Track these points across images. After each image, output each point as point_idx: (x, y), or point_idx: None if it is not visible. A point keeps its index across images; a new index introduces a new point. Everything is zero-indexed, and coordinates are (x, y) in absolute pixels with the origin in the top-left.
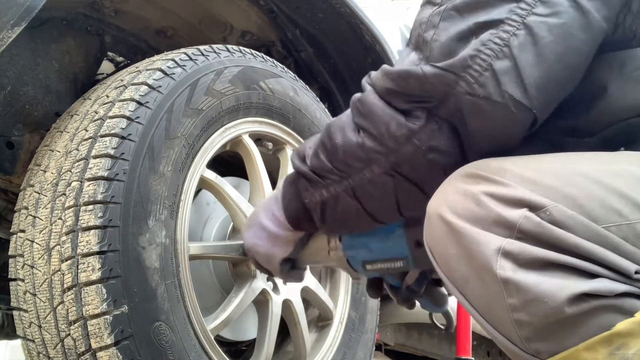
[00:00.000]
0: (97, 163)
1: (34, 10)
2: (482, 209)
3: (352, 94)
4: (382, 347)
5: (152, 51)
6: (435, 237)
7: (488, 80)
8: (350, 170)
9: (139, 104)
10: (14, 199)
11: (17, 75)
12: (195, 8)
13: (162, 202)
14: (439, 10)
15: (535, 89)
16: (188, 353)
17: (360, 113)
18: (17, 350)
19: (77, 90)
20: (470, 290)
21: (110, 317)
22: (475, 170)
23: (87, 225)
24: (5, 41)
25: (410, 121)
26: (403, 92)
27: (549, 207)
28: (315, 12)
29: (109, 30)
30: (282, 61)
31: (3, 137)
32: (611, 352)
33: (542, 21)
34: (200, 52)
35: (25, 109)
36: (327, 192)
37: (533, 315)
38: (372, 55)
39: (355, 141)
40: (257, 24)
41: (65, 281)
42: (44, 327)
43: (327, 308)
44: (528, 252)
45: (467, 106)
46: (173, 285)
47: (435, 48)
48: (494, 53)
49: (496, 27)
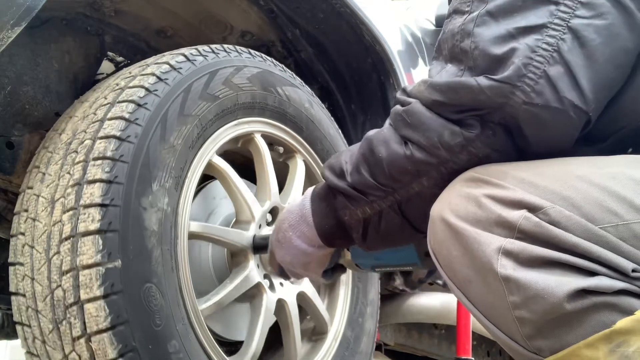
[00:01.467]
0: (111, 124)
1: (34, 10)
2: (483, 210)
3: (352, 94)
4: (382, 347)
5: (152, 51)
6: (438, 240)
7: (545, 87)
8: (396, 185)
9: (159, 79)
10: (14, 199)
11: (17, 75)
12: (195, 8)
13: (169, 171)
14: (471, 17)
15: (590, 92)
16: (176, 323)
17: (408, 124)
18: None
19: (77, 90)
20: (472, 291)
21: (102, 269)
22: (477, 174)
23: (94, 178)
24: (5, 41)
25: (465, 130)
26: (453, 103)
27: (548, 208)
28: (315, 12)
29: (109, 30)
30: (282, 61)
31: (3, 137)
32: (612, 350)
33: (588, 23)
34: (223, 48)
35: (25, 109)
36: (370, 208)
37: (534, 312)
38: (372, 55)
39: (403, 153)
40: (257, 24)
41: (64, 231)
42: (36, 279)
43: (322, 320)
44: (528, 251)
45: (524, 115)
46: (169, 253)
47: (479, 57)
48: (545, 59)
49: (539, 32)
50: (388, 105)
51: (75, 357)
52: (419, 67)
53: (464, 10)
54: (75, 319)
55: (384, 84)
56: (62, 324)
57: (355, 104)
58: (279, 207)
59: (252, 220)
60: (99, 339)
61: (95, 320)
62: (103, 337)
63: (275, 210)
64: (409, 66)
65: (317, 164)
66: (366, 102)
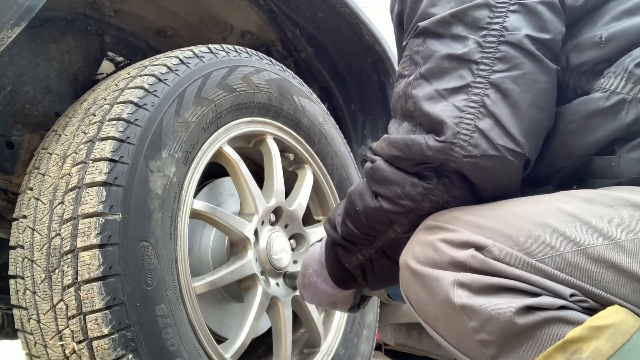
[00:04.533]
0: (131, 92)
1: (34, 10)
2: (438, 254)
3: (352, 94)
4: (382, 347)
5: (152, 51)
6: (406, 284)
7: (479, 140)
8: (375, 233)
9: (181, 62)
10: (14, 199)
11: (17, 75)
12: (195, 8)
13: (180, 143)
14: (409, 80)
15: (521, 135)
16: (167, 288)
17: (375, 180)
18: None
19: (77, 90)
20: (440, 327)
21: (102, 219)
22: (433, 222)
23: (107, 135)
24: (5, 41)
25: (424, 181)
26: (408, 157)
27: (491, 247)
28: (315, 12)
29: (109, 30)
30: (282, 61)
31: (3, 137)
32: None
33: (506, 76)
34: (245, 50)
35: (25, 109)
36: (361, 255)
37: (491, 333)
38: (372, 55)
39: (374, 206)
40: (257, 23)
41: (71, 182)
42: (37, 230)
43: (316, 332)
44: (479, 280)
45: (467, 167)
46: (169, 220)
47: (420, 116)
48: (474, 115)
49: (464, 91)
50: (388, 105)
51: (62, 307)
52: None
53: (404, 74)
54: (69, 266)
55: (384, 84)
56: (55, 273)
57: (355, 104)
58: (283, 208)
59: (255, 213)
60: (89, 288)
61: (88, 268)
62: (93, 286)
63: (280, 211)
64: None
65: (326, 179)
66: (366, 102)
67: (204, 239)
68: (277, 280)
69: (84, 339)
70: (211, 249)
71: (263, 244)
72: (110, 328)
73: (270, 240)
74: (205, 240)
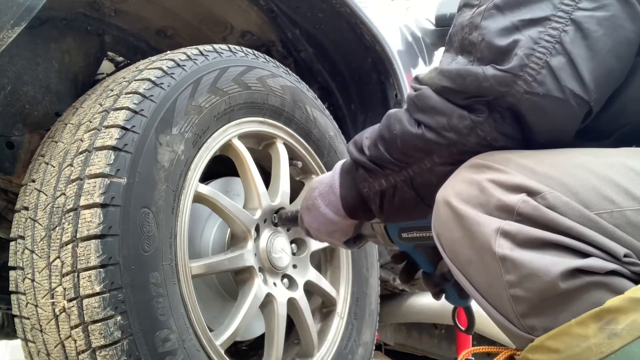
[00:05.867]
0: (149, 72)
1: (34, 10)
2: (484, 194)
3: (352, 94)
4: (382, 347)
5: (152, 51)
6: (441, 222)
7: (546, 77)
8: (409, 160)
9: (201, 53)
10: (14, 199)
11: (17, 75)
12: (196, 8)
13: (191, 125)
14: (479, 10)
15: (592, 82)
16: (163, 258)
17: (419, 108)
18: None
19: (77, 90)
20: (472, 272)
21: (107, 181)
22: (481, 160)
23: (121, 106)
24: (5, 41)
25: (473, 114)
26: (461, 90)
27: (546, 193)
28: (315, 12)
29: (109, 30)
30: (282, 61)
31: (3, 137)
32: (601, 327)
33: (590, 15)
34: (262, 56)
35: (25, 109)
36: (386, 181)
37: (528, 290)
38: (372, 55)
39: (415, 132)
40: (257, 23)
41: (81, 147)
42: (43, 191)
43: (310, 340)
44: (525, 232)
45: (526, 104)
46: (173, 194)
47: (485, 49)
48: (547, 50)
49: (542, 24)
50: (388, 105)
51: (58, 264)
52: (419, 66)
53: (473, 3)
54: (69, 224)
55: (384, 84)
56: (55, 230)
57: (355, 104)
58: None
59: (258, 208)
60: (86, 245)
61: (88, 225)
62: (90, 243)
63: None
64: (409, 66)
65: None
66: (366, 102)
67: (207, 229)
68: (275, 279)
69: (75, 297)
70: (212, 238)
71: (264, 242)
72: (102, 287)
73: (271, 238)
74: (207, 230)
